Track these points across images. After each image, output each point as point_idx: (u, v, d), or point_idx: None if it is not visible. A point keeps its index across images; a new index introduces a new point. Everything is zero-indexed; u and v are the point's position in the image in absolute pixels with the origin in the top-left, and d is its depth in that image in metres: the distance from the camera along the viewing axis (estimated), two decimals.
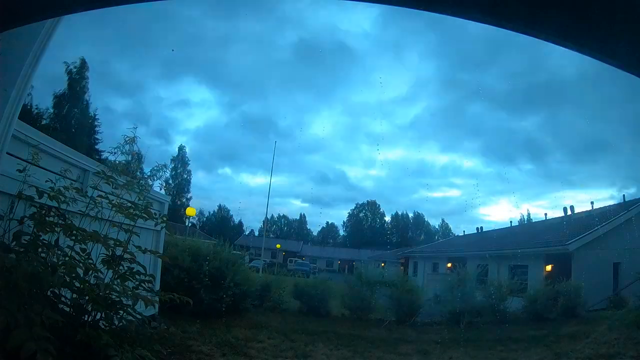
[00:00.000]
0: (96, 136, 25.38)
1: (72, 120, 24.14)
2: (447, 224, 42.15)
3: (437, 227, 44.74)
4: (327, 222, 48.34)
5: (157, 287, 5.00)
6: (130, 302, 2.84)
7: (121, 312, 2.81)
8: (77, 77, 24.21)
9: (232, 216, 43.55)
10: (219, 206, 43.62)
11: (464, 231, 29.51)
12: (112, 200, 3.25)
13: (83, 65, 24.20)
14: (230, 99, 41.52)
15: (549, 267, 13.01)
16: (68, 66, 23.78)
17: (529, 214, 28.08)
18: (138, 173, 3.73)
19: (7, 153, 2.45)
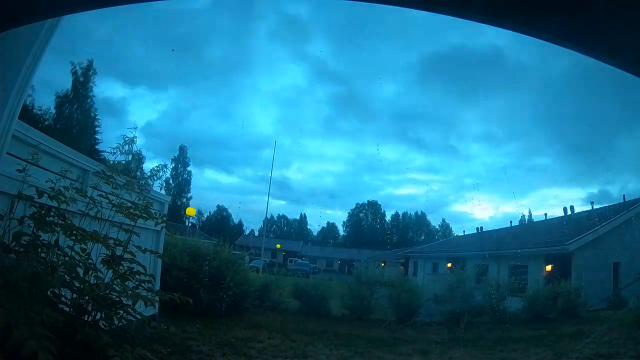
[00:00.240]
0: (97, 136, 25.41)
1: (73, 121, 24.15)
2: (447, 224, 42.04)
3: (437, 227, 44.68)
4: (328, 222, 48.27)
5: (157, 287, 5.00)
6: (130, 302, 2.85)
7: (121, 312, 2.81)
8: (81, 78, 24.23)
9: (231, 216, 43.44)
10: (219, 206, 43.52)
11: (464, 231, 29.50)
12: (112, 200, 3.25)
13: (89, 66, 24.24)
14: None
15: (548, 267, 13.01)
16: (74, 66, 23.81)
17: (530, 214, 28.03)
18: (138, 173, 3.73)
19: (7, 153, 2.46)
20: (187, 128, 40.71)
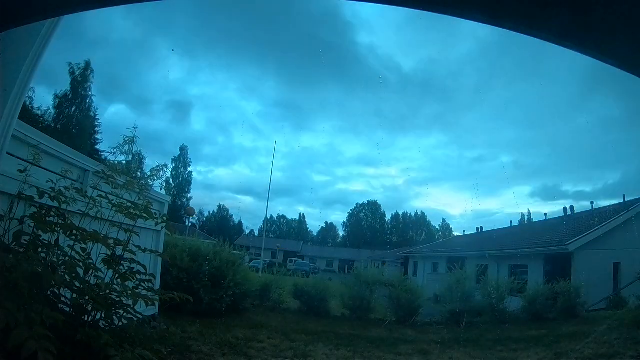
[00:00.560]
0: (97, 136, 25.43)
1: (73, 121, 24.18)
2: (447, 224, 42.14)
3: (437, 227, 44.78)
4: (327, 222, 48.37)
5: (157, 286, 5.00)
6: (130, 302, 2.84)
7: (121, 311, 2.81)
8: (79, 78, 24.23)
9: (232, 216, 43.51)
10: (219, 206, 43.59)
11: (464, 231, 29.57)
12: (112, 200, 3.25)
13: (87, 66, 24.25)
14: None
15: (548, 267, 13.02)
16: (71, 66, 23.82)
17: (529, 214, 28.10)
18: (139, 173, 3.73)
19: (7, 153, 2.46)
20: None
